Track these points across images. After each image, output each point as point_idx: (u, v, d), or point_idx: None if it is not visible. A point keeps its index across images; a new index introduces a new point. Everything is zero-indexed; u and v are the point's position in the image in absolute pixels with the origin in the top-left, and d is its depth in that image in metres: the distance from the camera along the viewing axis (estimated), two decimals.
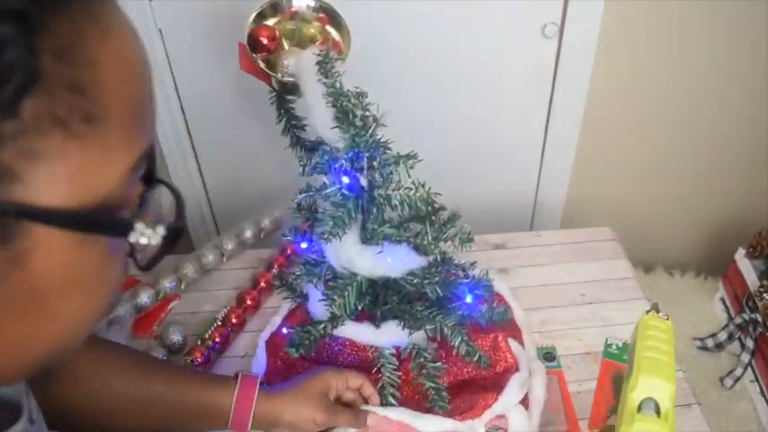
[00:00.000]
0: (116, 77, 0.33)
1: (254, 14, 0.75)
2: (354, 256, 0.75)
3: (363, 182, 0.73)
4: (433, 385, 0.83)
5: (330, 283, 0.81)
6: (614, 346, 0.98)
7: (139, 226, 0.36)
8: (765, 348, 1.31)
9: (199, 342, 0.95)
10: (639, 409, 0.62)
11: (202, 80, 1.28)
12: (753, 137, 1.48)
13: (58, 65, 0.30)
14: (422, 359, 0.84)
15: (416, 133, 1.26)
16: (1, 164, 0.30)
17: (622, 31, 1.28)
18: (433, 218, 0.77)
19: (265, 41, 0.73)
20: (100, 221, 0.35)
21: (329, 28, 0.77)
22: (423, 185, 0.72)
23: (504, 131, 1.41)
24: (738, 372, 1.35)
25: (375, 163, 0.71)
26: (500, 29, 1.26)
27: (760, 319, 1.32)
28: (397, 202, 0.73)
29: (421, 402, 0.86)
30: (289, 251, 1.08)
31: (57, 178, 0.32)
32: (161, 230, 0.37)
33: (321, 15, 0.77)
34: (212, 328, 0.97)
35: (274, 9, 0.77)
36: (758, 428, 1.31)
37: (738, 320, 1.38)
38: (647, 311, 0.71)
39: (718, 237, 1.65)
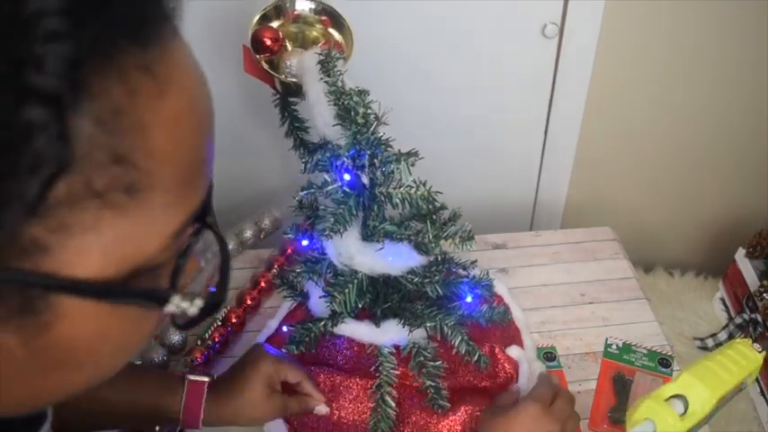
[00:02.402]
0: (169, 141, 0.29)
1: (257, 17, 0.75)
2: (355, 253, 0.76)
3: (365, 179, 0.73)
4: (432, 384, 0.84)
5: (331, 281, 0.82)
6: (614, 346, 0.98)
7: (175, 299, 0.33)
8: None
9: (199, 342, 0.95)
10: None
11: None
12: (753, 137, 1.48)
13: (101, 135, 0.27)
14: (422, 358, 0.84)
15: (416, 133, 1.26)
16: (28, 237, 0.27)
17: (622, 31, 1.28)
18: (434, 216, 0.78)
19: (269, 43, 0.73)
20: (133, 294, 0.32)
21: (332, 30, 0.77)
22: (424, 184, 0.73)
23: (504, 131, 1.41)
24: None
25: (376, 161, 0.71)
26: (500, 29, 1.26)
27: (760, 319, 1.32)
28: (398, 200, 0.73)
29: (420, 402, 0.86)
30: (289, 251, 1.08)
31: (89, 250, 0.29)
32: (199, 303, 0.34)
33: (324, 18, 0.77)
34: (212, 328, 0.97)
35: (278, 12, 0.77)
36: (758, 428, 1.31)
37: (738, 320, 1.38)
38: (744, 337, 0.72)
39: (718, 237, 1.65)
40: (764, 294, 1.32)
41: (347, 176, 0.72)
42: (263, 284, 1.04)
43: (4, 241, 0.27)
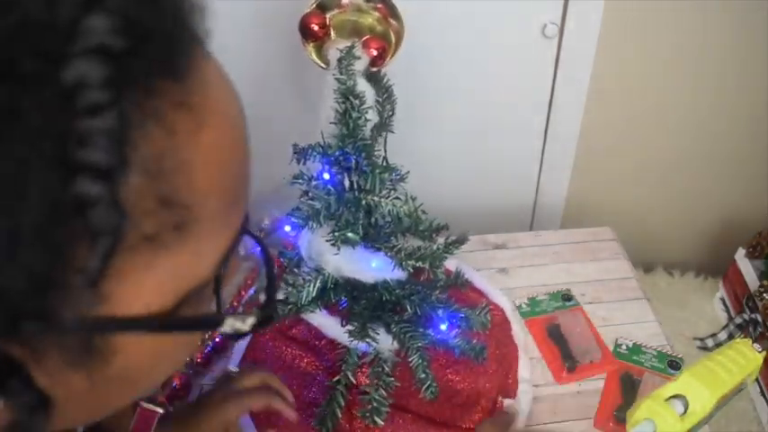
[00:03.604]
0: (211, 172, 0.29)
1: (314, 4, 0.74)
2: (325, 251, 0.76)
3: (346, 182, 0.74)
4: (377, 397, 0.83)
5: (295, 270, 0.82)
6: (624, 347, 0.98)
7: (229, 321, 0.33)
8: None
9: (199, 342, 0.95)
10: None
11: None
12: (753, 137, 1.48)
13: (148, 184, 0.26)
14: (380, 369, 0.84)
15: (415, 133, 1.26)
16: (82, 290, 0.27)
17: (622, 31, 1.28)
18: (413, 234, 0.78)
19: (315, 29, 0.73)
20: (188, 322, 0.32)
21: (391, 20, 0.76)
22: (413, 200, 0.73)
23: (504, 131, 1.41)
24: None
25: (360, 166, 0.72)
26: (500, 29, 1.26)
27: (760, 319, 1.32)
28: (385, 211, 0.73)
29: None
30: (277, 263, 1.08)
31: (145, 289, 0.29)
32: (251, 321, 0.34)
33: (379, 6, 0.76)
34: None
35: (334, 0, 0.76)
36: (758, 428, 1.31)
37: (738, 320, 1.38)
38: (744, 337, 0.72)
39: (718, 237, 1.65)
40: (764, 294, 1.32)
41: (326, 175, 0.73)
42: None
43: (59, 294, 0.26)
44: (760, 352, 0.66)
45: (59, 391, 0.30)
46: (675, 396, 0.61)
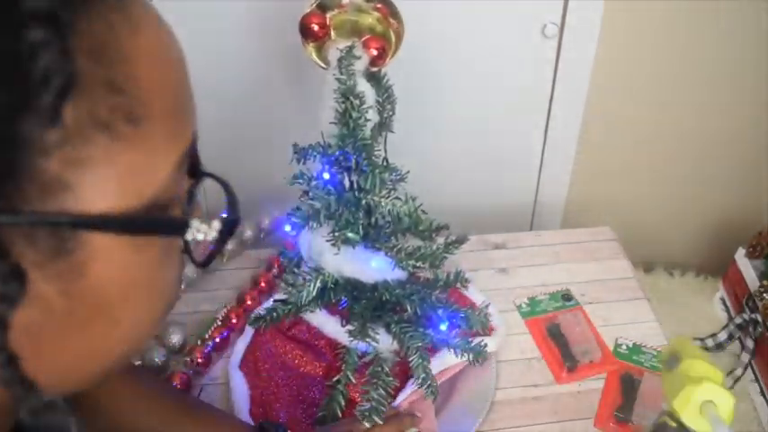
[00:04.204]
0: (153, 72, 0.33)
1: (314, 4, 0.74)
2: (325, 251, 0.76)
3: (346, 182, 0.74)
4: (375, 397, 0.82)
5: (295, 270, 0.82)
6: (624, 347, 0.98)
7: (194, 223, 0.36)
8: (765, 348, 1.31)
9: (199, 342, 0.95)
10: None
11: (203, 79, 1.28)
12: (753, 137, 1.48)
13: (94, 65, 0.30)
14: (379, 369, 0.84)
15: (415, 133, 1.26)
16: (49, 174, 0.29)
17: (622, 31, 1.28)
18: (413, 234, 0.78)
19: (316, 29, 0.73)
20: (154, 222, 0.34)
21: (391, 20, 0.76)
22: (413, 200, 0.73)
23: (504, 131, 1.41)
24: (738, 372, 1.35)
25: (360, 166, 0.72)
26: (500, 29, 1.26)
27: (760, 319, 1.32)
28: (385, 211, 0.73)
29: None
30: (276, 264, 1.08)
31: (106, 183, 0.31)
32: (216, 225, 0.36)
33: (379, 6, 0.76)
34: (212, 328, 0.97)
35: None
36: (758, 428, 1.31)
37: (738, 320, 1.38)
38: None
39: (718, 237, 1.65)
40: (764, 294, 1.32)
41: (326, 175, 0.73)
42: (263, 284, 1.04)
43: (25, 182, 0.29)
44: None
45: (35, 310, 0.31)
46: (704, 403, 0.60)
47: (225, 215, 0.38)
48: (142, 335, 0.39)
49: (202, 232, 0.36)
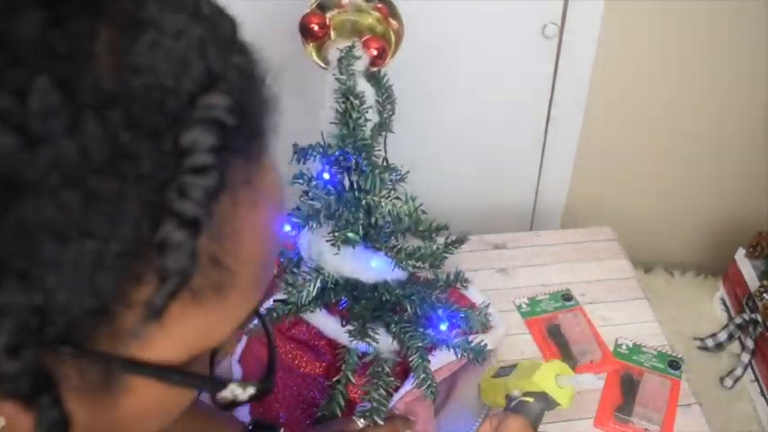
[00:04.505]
0: (255, 245, 0.33)
1: (314, 4, 0.74)
2: (324, 251, 0.76)
3: (346, 182, 0.74)
4: (376, 397, 0.83)
5: (294, 270, 0.82)
6: (624, 347, 0.98)
7: (231, 386, 0.36)
8: (765, 348, 1.31)
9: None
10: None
11: None
12: (753, 137, 1.48)
13: (207, 242, 0.29)
14: (380, 368, 0.84)
15: (415, 133, 1.26)
16: (126, 324, 0.29)
17: (622, 31, 1.28)
18: (413, 234, 0.78)
19: (316, 28, 0.73)
20: (196, 379, 0.35)
21: (391, 20, 0.76)
22: (413, 200, 0.73)
23: (504, 131, 1.41)
24: (738, 372, 1.35)
25: (360, 166, 0.72)
26: (500, 29, 1.26)
27: (760, 319, 1.32)
28: (385, 211, 0.73)
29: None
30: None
31: (171, 338, 0.31)
32: (251, 390, 0.36)
33: (380, 6, 0.76)
34: None
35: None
36: (758, 428, 1.31)
37: (738, 320, 1.38)
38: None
39: (718, 237, 1.65)
40: (764, 294, 1.32)
41: (326, 175, 0.73)
42: None
43: (102, 326, 0.29)
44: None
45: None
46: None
47: (261, 381, 0.37)
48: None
49: (235, 395, 0.36)
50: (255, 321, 0.41)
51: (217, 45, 0.30)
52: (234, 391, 0.36)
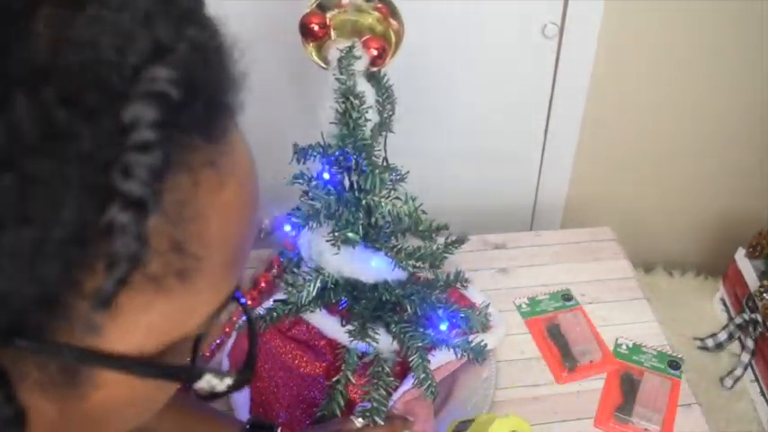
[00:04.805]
0: (221, 229, 0.31)
1: (314, 4, 0.74)
2: (324, 251, 0.76)
3: (346, 182, 0.74)
4: (376, 397, 0.83)
5: (294, 270, 0.82)
6: (624, 347, 0.98)
7: (207, 376, 0.35)
8: (765, 348, 1.31)
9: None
10: None
11: None
12: (753, 137, 1.48)
13: (165, 225, 0.28)
14: (380, 369, 0.84)
15: (415, 133, 1.26)
16: (81, 315, 0.28)
17: (622, 31, 1.28)
18: (413, 234, 0.78)
19: (316, 28, 0.73)
20: (168, 370, 0.34)
21: (391, 20, 0.76)
22: (413, 200, 0.73)
23: (504, 131, 1.41)
24: (738, 372, 1.35)
25: (360, 166, 0.72)
26: (500, 29, 1.26)
27: (760, 319, 1.32)
28: (385, 211, 0.73)
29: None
30: (276, 264, 1.08)
31: (136, 329, 0.30)
32: (227, 381, 0.35)
33: (380, 6, 0.76)
34: None
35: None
36: (758, 428, 1.31)
37: (738, 320, 1.38)
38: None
39: (718, 237, 1.65)
40: (764, 294, 1.32)
41: (326, 175, 0.73)
42: (263, 284, 1.04)
43: (60, 318, 0.28)
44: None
45: (31, 421, 0.30)
46: None
47: (240, 371, 0.37)
48: (131, 428, 0.38)
49: (212, 386, 0.35)
50: (244, 318, 0.40)
51: (167, 17, 0.28)
52: (210, 382, 0.35)
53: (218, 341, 0.96)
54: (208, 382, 0.35)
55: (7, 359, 0.28)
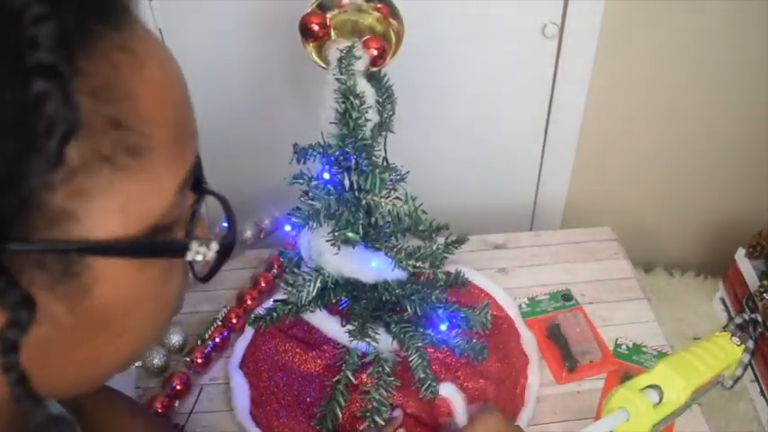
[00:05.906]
0: (155, 105, 0.34)
1: (314, 4, 0.74)
2: (324, 251, 0.76)
3: (346, 182, 0.74)
4: (377, 397, 0.83)
5: (294, 270, 0.82)
6: (624, 347, 0.98)
7: (194, 245, 0.37)
8: (765, 348, 1.31)
9: (199, 342, 0.96)
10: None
11: (203, 80, 1.28)
12: (753, 137, 1.48)
13: (97, 105, 0.31)
14: (380, 368, 0.84)
15: (416, 133, 1.26)
16: (56, 206, 0.31)
17: (622, 31, 1.28)
18: (413, 234, 0.78)
19: (316, 28, 0.73)
20: (156, 246, 0.36)
21: (391, 20, 0.76)
22: (413, 200, 0.73)
23: (505, 131, 1.41)
24: (738, 372, 1.34)
25: (360, 166, 0.72)
26: (500, 29, 1.26)
27: (760, 319, 1.32)
28: (385, 211, 0.73)
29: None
30: (276, 265, 1.08)
31: (109, 212, 0.33)
32: (214, 246, 0.38)
33: (380, 6, 0.76)
34: (212, 328, 0.97)
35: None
36: (758, 428, 1.31)
37: (738, 320, 1.38)
38: (725, 329, 0.73)
39: (718, 237, 1.65)
40: (764, 294, 1.32)
41: (326, 175, 0.73)
42: (263, 284, 1.04)
43: (34, 215, 0.30)
44: (738, 345, 0.66)
45: (45, 327, 0.33)
46: (651, 386, 0.61)
47: (224, 230, 0.40)
48: (144, 343, 0.41)
49: (201, 253, 0.37)
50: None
51: None
52: (198, 250, 0.37)
53: (217, 340, 0.96)
54: (197, 252, 0.37)
55: (13, 266, 0.31)
